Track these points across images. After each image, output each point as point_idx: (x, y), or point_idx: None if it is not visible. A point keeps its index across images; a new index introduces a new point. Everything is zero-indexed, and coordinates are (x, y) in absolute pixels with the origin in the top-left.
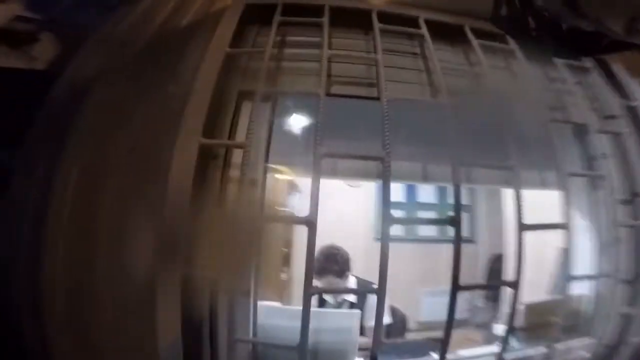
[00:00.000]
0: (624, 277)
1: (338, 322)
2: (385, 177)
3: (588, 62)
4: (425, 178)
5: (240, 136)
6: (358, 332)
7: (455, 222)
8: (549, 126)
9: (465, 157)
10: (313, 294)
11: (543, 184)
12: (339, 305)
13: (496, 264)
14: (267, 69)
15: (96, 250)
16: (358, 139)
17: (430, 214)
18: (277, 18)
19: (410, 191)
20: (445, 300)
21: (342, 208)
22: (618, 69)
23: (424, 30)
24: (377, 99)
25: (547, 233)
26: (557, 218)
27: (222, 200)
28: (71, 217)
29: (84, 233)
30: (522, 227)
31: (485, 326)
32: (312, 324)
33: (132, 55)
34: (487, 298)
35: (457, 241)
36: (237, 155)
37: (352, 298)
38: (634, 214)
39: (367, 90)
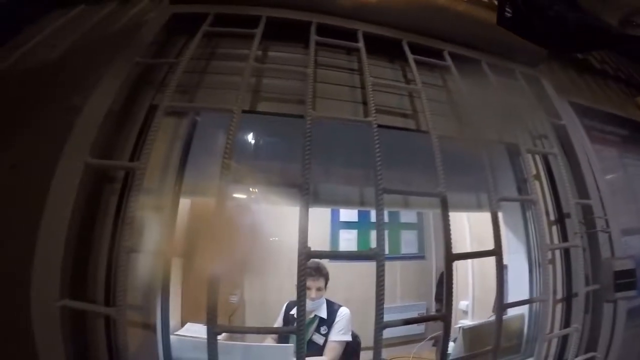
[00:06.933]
0: (558, 297)
1: (273, 357)
2: (302, 205)
3: (520, 79)
4: (362, 203)
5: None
6: None
7: (377, 255)
8: (482, 147)
9: (391, 183)
10: (218, 334)
11: (479, 206)
12: (311, 321)
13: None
14: (178, 80)
15: None
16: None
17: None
18: (204, 28)
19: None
20: (398, 316)
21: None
22: (548, 86)
23: (360, 44)
24: (301, 116)
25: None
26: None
27: (121, 230)
28: None
29: None
30: (451, 258)
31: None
32: (246, 359)
33: (42, 61)
34: (438, 311)
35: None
36: (144, 179)
37: (323, 314)
38: (564, 235)
39: (298, 108)
